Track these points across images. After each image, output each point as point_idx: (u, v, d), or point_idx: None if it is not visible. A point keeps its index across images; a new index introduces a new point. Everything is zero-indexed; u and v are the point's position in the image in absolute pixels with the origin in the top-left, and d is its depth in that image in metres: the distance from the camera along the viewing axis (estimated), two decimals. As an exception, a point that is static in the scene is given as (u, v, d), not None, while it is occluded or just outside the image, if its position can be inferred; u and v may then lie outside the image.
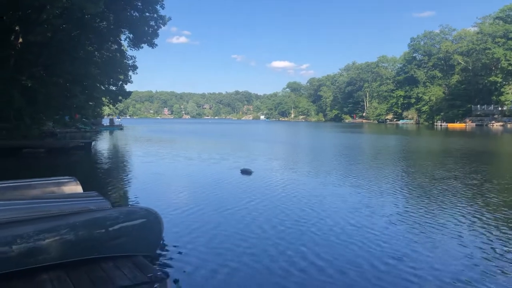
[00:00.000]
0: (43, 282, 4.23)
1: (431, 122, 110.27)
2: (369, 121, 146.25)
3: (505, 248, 6.61)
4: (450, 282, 5.27)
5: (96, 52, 37.38)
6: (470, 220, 8.37)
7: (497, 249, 6.56)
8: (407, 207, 9.65)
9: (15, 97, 26.64)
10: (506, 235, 7.35)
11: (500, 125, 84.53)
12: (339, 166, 18.51)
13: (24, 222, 4.78)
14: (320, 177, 14.91)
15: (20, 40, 28.66)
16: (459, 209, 9.40)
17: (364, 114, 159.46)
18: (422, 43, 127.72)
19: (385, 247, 6.63)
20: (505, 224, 8.10)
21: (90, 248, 4.83)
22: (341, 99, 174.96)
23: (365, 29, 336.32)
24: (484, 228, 7.81)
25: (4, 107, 25.77)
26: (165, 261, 5.87)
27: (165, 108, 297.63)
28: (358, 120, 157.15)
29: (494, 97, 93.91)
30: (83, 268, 4.62)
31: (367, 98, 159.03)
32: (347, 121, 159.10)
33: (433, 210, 9.35)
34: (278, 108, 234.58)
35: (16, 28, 28.57)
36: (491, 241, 7.01)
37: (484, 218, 8.52)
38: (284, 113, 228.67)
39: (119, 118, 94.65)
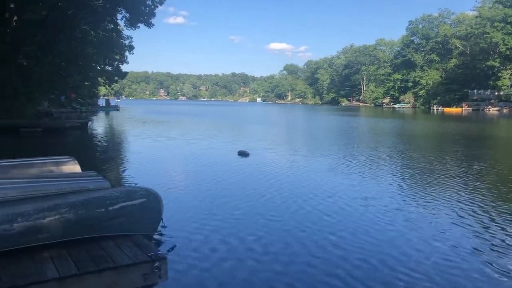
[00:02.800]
0: (44, 259, 4.26)
1: (427, 106, 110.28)
2: (365, 104, 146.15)
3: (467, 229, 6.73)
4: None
5: (92, 32, 37.01)
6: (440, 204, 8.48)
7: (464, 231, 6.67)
8: (384, 190, 9.75)
9: (11, 76, 26.45)
10: (468, 217, 7.46)
11: (496, 110, 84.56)
12: (333, 149, 18.59)
13: (24, 201, 4.79)
14: (314, 160, 14.96)
15: (15, 18, 28.30)
16: (432, 192, 9.52)
17: (361, 97, 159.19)
18: (420, 26, 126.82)
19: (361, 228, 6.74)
20: (473, 207, 8.22)
21: (90, 227, 4.86)
22: (338, 82, 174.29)
23: (364, 12, 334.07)
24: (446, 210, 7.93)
25: (0, 85, 25.59)
26: (164, 240, 5.93)
27: (161, 89, 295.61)
28: (355, 103, 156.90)
29: (491, 82, 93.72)
30: (83, 247, 4.65)
31: (364, 81, 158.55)
32: (343, 104, 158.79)
33: (404, 192, 9.46)
34: (274, 91, 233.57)
35: (11, 5, 28.18)
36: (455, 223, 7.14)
37: (452, 201, 8.63)
38: (280, 96, 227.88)
39: (119, 99, 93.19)
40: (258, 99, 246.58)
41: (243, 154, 15.27)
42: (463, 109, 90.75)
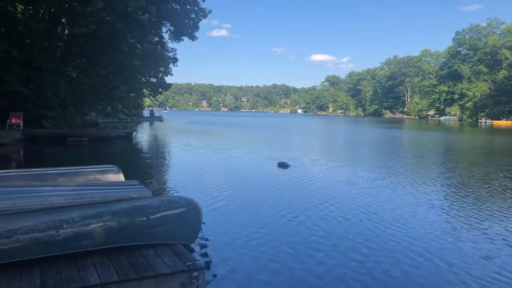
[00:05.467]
0: (87, 265, 4.37)
1: (474, 119, 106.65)
2: (409, 116, 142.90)
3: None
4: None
5: (137, 44, 38.15)
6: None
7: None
8: (442, 207, 9.42)
9: (61, 87, 27.61)
10: None
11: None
12: (377, 163, 18.19)
13: (70, 208, 4.95)
14: (357, 173, 14.65)
15: (66, 31, 29.59)
16: (474, 205, 9.11)
17: (405, 109, 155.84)
18: (467, 37, 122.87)
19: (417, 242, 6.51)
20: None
21: (131, 235, 4.94)
22: (381, 93, 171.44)
23: (408, 23, 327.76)
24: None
25: (51, 96, 26.76)
26: (203, 250, 5.97)
27: (203, 101, 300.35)
28: (398, 115, 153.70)
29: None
30: (124, 254, 4.73)
31: (408, 93, 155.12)
32: (387, 116, 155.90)
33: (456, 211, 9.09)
34: (316, 102, 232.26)
35: (63, 20, 29.51)
36: None
37: None
38: (322, 107, 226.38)
39: (166, 110, 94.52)
40: (299, 111, 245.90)
41: (283, 165, 15.21)
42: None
